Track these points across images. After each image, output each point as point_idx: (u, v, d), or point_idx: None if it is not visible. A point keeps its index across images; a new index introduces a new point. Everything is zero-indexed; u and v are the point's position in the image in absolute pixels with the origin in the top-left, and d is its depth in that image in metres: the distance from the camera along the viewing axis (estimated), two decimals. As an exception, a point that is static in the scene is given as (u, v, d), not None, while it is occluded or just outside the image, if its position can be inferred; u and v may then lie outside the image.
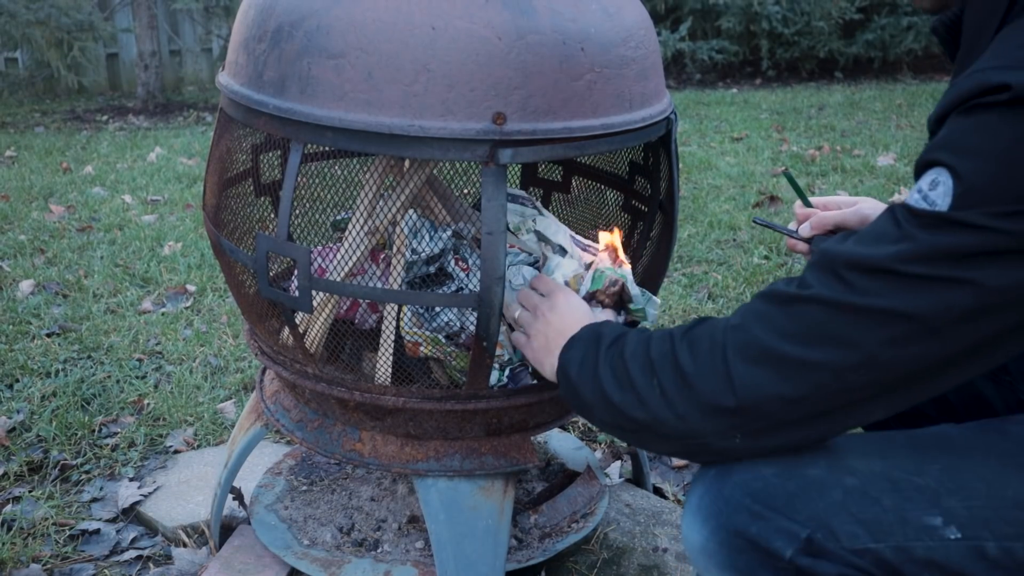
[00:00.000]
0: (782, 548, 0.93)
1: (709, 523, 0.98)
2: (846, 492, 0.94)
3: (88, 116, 6.23)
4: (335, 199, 1.61)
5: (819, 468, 0.96)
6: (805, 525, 0.93)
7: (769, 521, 0.94)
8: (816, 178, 4.30)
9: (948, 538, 0.92)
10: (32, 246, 3.37)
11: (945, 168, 0.84)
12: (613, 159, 1.65)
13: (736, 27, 7.24)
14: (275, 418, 1.48)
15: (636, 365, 1.01)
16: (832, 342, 0.89)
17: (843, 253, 0.89)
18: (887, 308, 0.86)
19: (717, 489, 0.98)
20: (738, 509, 0.96)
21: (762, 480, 0.96)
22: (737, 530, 0.96)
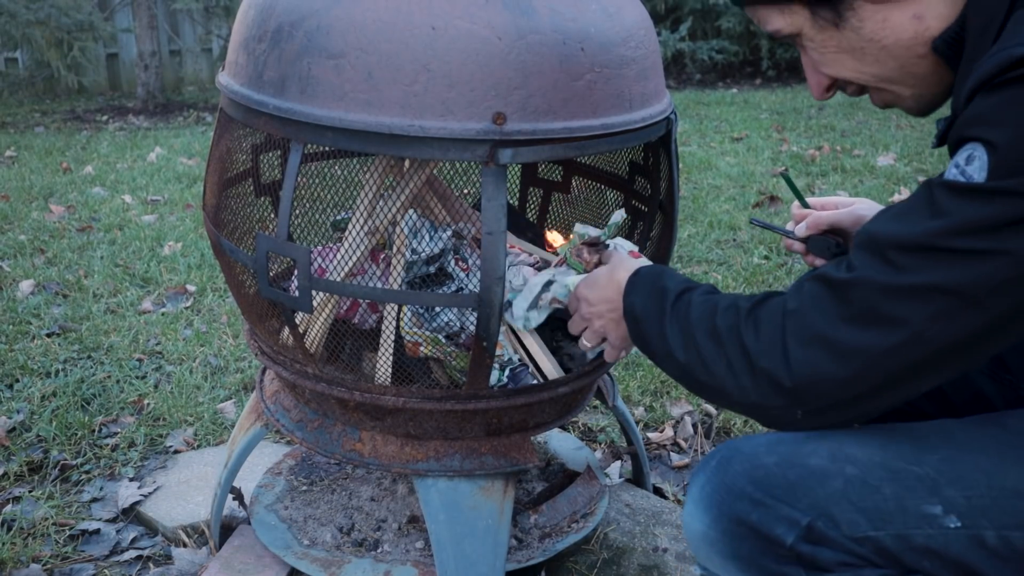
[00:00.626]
0: (784, 535, 0.95)
1: (711, 511, 0.99)
2: (847, 481, 0.95)
3: (88, 116, 6.23)
4: (335, 199, 1.61)
5: (820, 458, 0.97)
6: (806, 512, 0.95)
7: (771, 509, 0.96)
8: (816, 178, 4.30)
9: (947, 527, 0.93)
10: (32, 246, 3.37)
11: (979, 143, 0.85)
12: (613, 159, 1.65)
13: (736, 27, 7.24)
14: (275, 418, 1.48)
15: (703, 332, 1.05)
16: (880, 322, 0.92)
17: (887, 234, 0.91)
18: (930, 284, 0.88)
19: (719, 478, 1.00)
20: (740, 497, 0.97)
21: (764, 469, 0.98)
22: (739, 518, 0.97)
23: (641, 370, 2.36)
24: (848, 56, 1.04)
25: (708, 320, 1.05)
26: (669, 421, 2.17)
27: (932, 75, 1.02)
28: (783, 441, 1.01)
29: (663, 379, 2.33)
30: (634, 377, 2.34)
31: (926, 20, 0.98)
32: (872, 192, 3.98)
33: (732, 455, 1.01)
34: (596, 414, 2.20)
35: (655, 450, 2.07)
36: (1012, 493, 0.93)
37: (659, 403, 2.23)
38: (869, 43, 1.01)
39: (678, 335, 1.08)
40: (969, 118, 0.87)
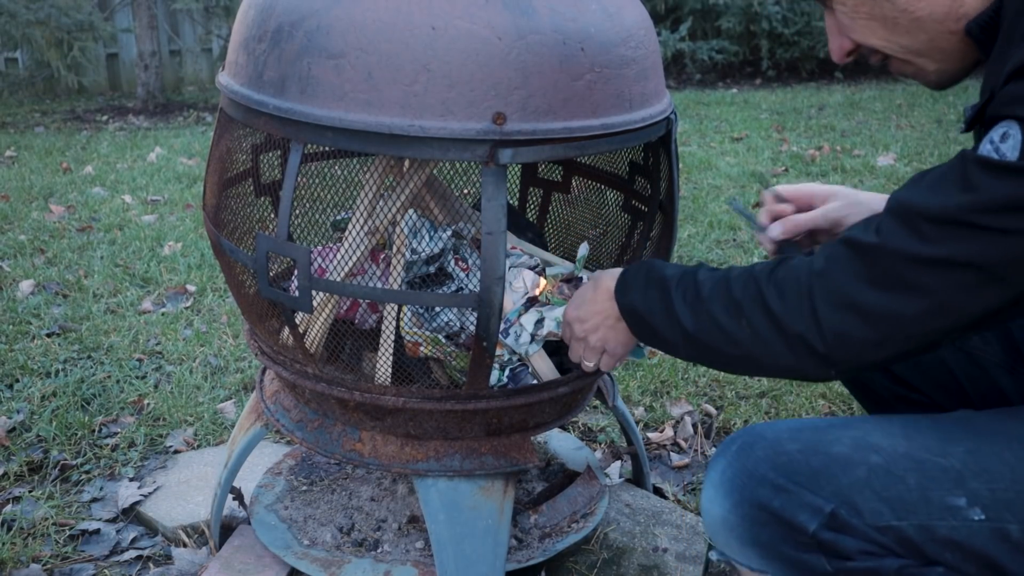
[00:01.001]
0: (806, 522, 0.95)
1: (732, 496, 0.99)
2: (870, 470, 0.95)
3: (88, 116, 6.23)
4: (335, 199, 1.61)
5: (844, 446, 0.97)
6: (830, 500, 0.94)
7: (793, 495, 0.95)
8: (816, 178, 4.30)
9: (972, 519, 0.93)
10: (32, 246, 3.37)
11: (1016, 121, 0.86)
12: (613, 159, 1.65)
13: (736, 27, 7.24)
14: (275, 418, 1.48)
15: (719, 306, 1.05)
16: (908, 289, 0.93)
17: (918, 204, 0.92)
18: (956, 258, 0.89)
19: (740, 463, 0.99)
20: (762, 483, 0.97)
21: (787, 455, 0.97)
22: (760, 503, 0.97)
23: (641, 370, 2.36)
24: (879, 24, 1.03)
25: (723, 294, 1.05)
26: (669, 421, 2.17)
27: (958, 51, 1.02)
28: (806, 428, 1.01)
29: (663, 379, 2.33)
30: (634, 377, 2.34)
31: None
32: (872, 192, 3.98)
33: (754, 440, 1.00)
34: (596, 414, 2.20)
35: (655, 450, 2.07)
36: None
37: (659, 403, 2.23)
38: (903, 13, 1.00)
39: (690, 317, 1.08)
40: (1007, 97, 0.87)
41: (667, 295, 1.11)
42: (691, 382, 2.33)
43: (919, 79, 1.08)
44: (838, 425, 1.01)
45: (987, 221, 0.87)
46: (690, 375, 2.36)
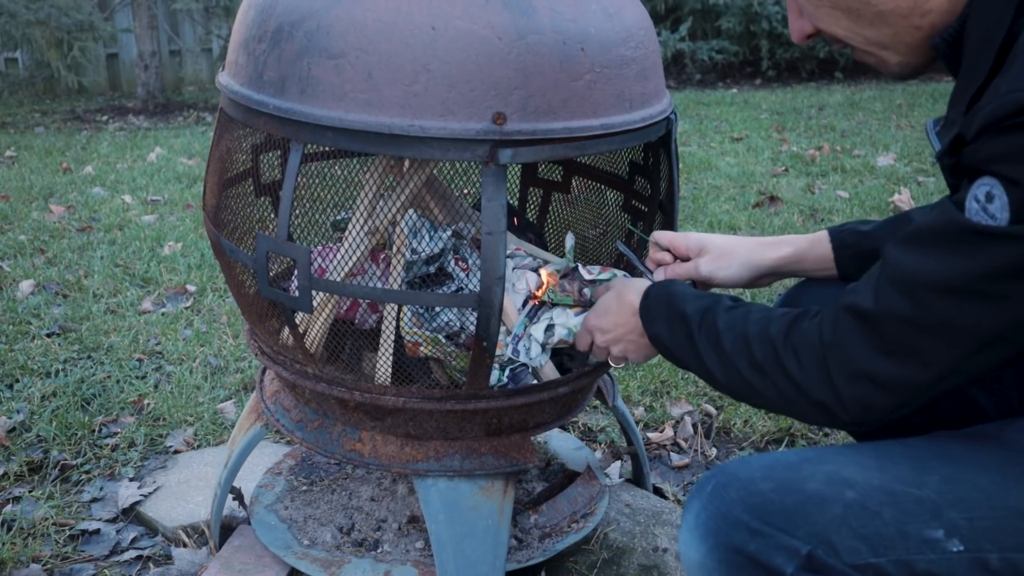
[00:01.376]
0: (783, 565, 0.93)
1: (707, 540, 0.97)
2: (846, 506, 0.94)
3: (88, 116, 6.23)
4: (335, 199, 1.61)
5: (817, 482, 0.96)
6: (806, 541, 0.93)
7: (769, 538, 0.94)
8: (816, 178, 4.30)
9: (950, 551, 0.92)
10: (32, 246, 3.37)
11: (998, 179, 0.86)
12: (613, 159, 1.65)
13: (736, 27, 7.24)
14: (275, 418, 1.48)
15: (744, 361, 1.08)
16: (916, 357, 0.95)
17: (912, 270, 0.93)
18: (960, 325, 0.91)
19: (715, 506, 0.98)
20: (736, 526, 0.95)
21: (760, 496, 0.96)
22: (736, 547, 0.95)
23: (641, 370, 2.36)
24: (843, 14, 1.03)
25: (746, 352, 1.08)
26: (669, 421, 2.17)
27: (922, 47, 1.02)
28: (779, 465, 1.00)
29: (663, 379, 2.33)
30: (634, 377, 2.34)
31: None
32: (872, 192, 3.98)
33: (728, 481, 0.99)
34: (596, 414, 2.20)
35: (655, 450, 2.07)
36: (1014, 513, 0.92)
37: (659, 403, 2.23)
38: (866, 6, 1.00)
39: (719, 367, 1.11)
40: (987, 154, 0.87)
41: (691, 337, 1.14)
42: (691, 382, 2.33)
43: (881, 69, 1.08)
44: (811, 459, 1.00)
45: (986, 288, 0.88)
46: (690, 375, 2.36)
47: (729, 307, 1.13)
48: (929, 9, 0.98)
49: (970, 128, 0.89)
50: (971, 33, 0.95)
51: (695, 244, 1.37)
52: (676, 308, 1.17)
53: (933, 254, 0.92)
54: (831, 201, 3.86)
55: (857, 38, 1.04)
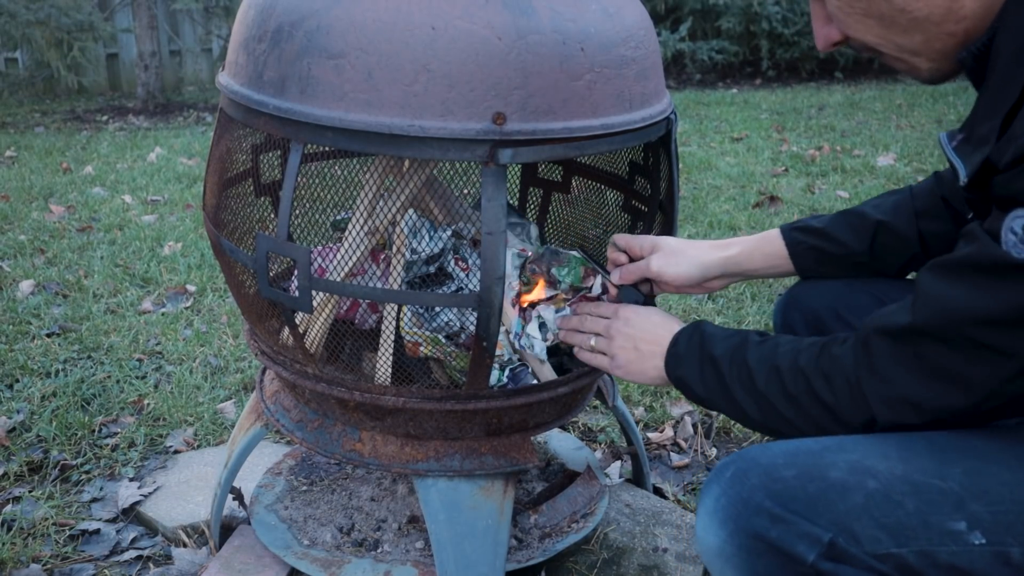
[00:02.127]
0: (804, 552, 0.93)
1: (727, 525, 0.97)
2: (868, 496, 0.94)
3: (88, 116, 6.23)
4: (335, 199, 1.61)
5: (840, 471, 0.95)
6: (827, 529, 0.93)
7: (790, 525, 0.94)
8: (816, 178, 4.30)
9: (972, 543, 0.91)
10: (32, 246, 3.37)
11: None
12: (613, 159, 1.65)
13: (736, 27, 7.24)
14: (275, 418, 1.48)
15: (778, 395, 1.09)
16: (956, 383, 0.96)
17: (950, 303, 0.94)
18: (1002, 353, 0.92)
19: (735, 491, 0.97)
20: (758, 512, 0.95)
21: (782, 483, 0.95)
22: (757, 533, 0.95)
23: (641, 370, 2.36)
24: (875, 22, 1.01)
25: (777, 384, 1.08)
26: (669, 421, 2.17)
27: (955, 52, 1.00)
28: (801, 452, 0.99)
29: (663, 379, 2.33)
30: (634, 377, 2.33)
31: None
32: (872, 192, 3.98)
33: (748, 467, 0.98)
34: (596, 414, 2.20)
35: (655, 450, 2.07)
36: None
37: (659, 403, 2.23)
38: (900, 13, 0.98)
39: (751, 403, 1.11)
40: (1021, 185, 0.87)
41: (722, 380, 1.14)
42: (691, 382, 2.33)
43: (911, 75, 1.07)
44: (833, 448, 0.99)
45: None
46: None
47: (758, 342, 1.13)
48: (964, 15, 0.96)
49: (1004, 155, 0.88)
50: (1002, 47, 0.93)
51: (648, 244, 1.39)
52: (706, 351, 1.17)
53: (972, 287, 0.92)
54: (831, 201, 3.86)
55: (889, 45, 1.03)
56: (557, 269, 1.43)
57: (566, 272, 1.44)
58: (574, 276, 1.44)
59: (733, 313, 2.73)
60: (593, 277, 1.45)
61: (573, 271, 1.44)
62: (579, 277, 1.45)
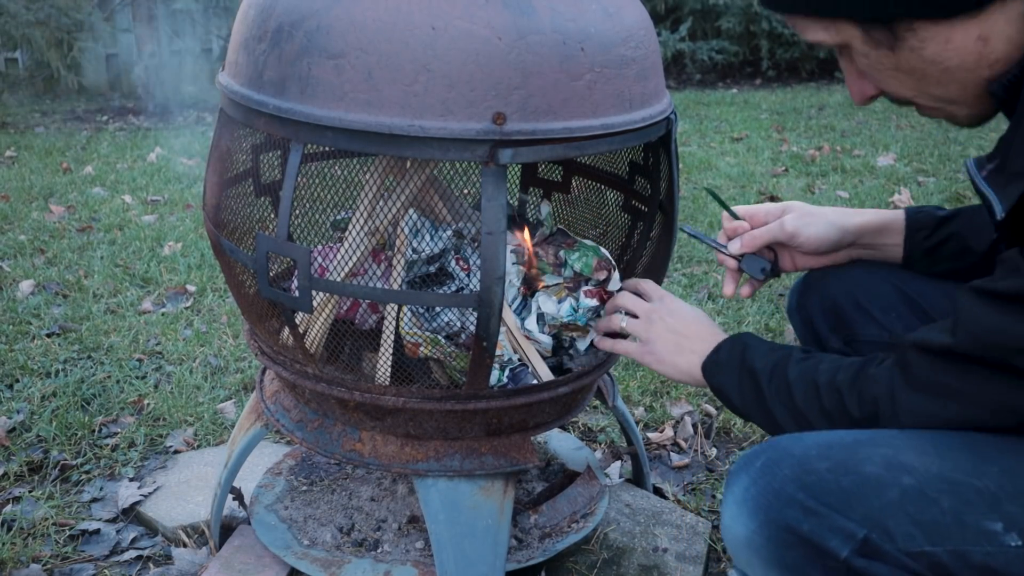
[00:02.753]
0: (838, 547, 0.92)
1: (757, 516, 0.95)
2: (903, 492, 0.92)
3: (88, 116, 6.23)
4: (335, 199, 1.61)
5: (875, 466, 0.94)
6: (862, 524, 0.92)
7: (824, 518, 0.92)
8: (816, 178, 4.30)
9: (1008, 545, 0.90)
10: (32, 246, 3.37)
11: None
12: (613, 159, 1.65)
13: (736, 27, 7.24)
14: (275, 418, 1.48)
15: (814, 411, 1.07)
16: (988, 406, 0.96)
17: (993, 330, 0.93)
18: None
19: (766, 481, 0.96)
20: (790, 504, 0.94)
21: (816, 475, 0.94)
22: (789, 526, 0.93)
23: (641, 370, 2.36)
24: (907, 76, 0.99)
25: (815, 400, 1.07)
26: (669, 421, 2.17)
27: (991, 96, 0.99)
28: (835, 444, 0.98)
29: (663, 379, 2.33)
30: (634, 377, 2.34)
31: (991, 42, 0.94)
32: (872, 192, 3.98)
33: (780, 457, 0.96)
34: (596, 414, 2.20)
35: (655, 450, 2.07)
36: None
37: (659, 403, 2.23)
38: (931, 65, 0.97)
39: (788, 418, 1.10)
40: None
41: (759, 393, 1.13)
42: (691, 382, 2.33)
43: (950, 122, 1.06)
44: (867, 442, 0.97)
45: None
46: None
47: (800, 359, 1.12)
48: (995, 60, 0.95)
49: None
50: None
51: (776, 208, 1.33)
52: (746, 363, 1.16)
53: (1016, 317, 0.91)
54: (831, 201, 3.86)
55: (924, 97, 1.01)
56: (566, 252, 1.42)
57: (576, 256, 1.43)
58: (584, 264, 1.43)
59: (733, 313, 2.74)
60: (608, 271, 1.43)
61: (584, 258, 1.43)
62: (590, 267, 1.43)
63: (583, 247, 1.43)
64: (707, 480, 1.96)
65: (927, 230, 1.31)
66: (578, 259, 1.43)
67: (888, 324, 1.31)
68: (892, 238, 1.33)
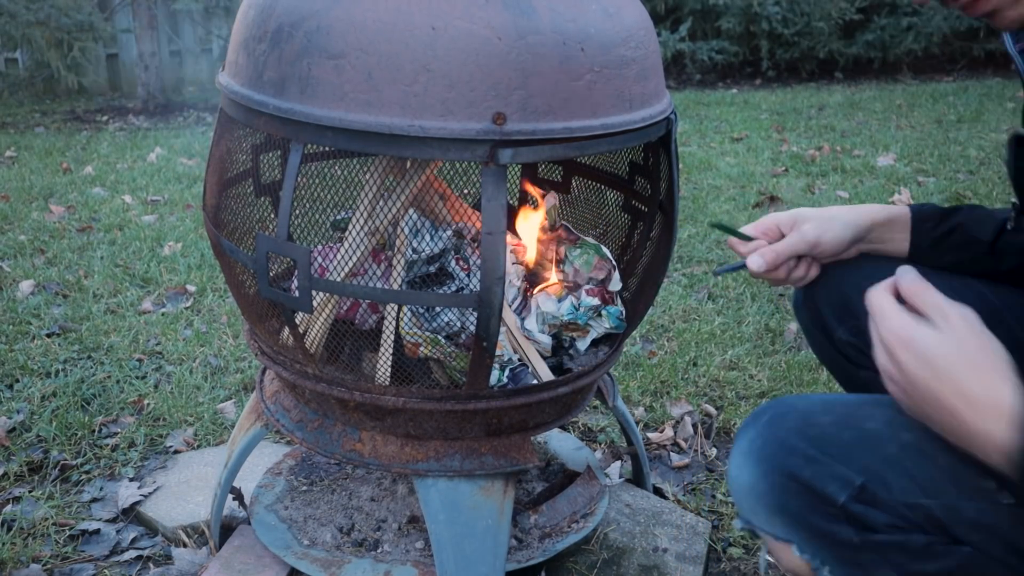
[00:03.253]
0: (836, 493, 0.94)
1: (761, 464, 0.98)
2: (902, 447, 0.95)
3: (88, 116, 6.23)
4: (335, 199, 1.61)
5: (876, 422, 0.97)
6: (860, 473, 0.94)
7: (824, 466, 0.95)
8: (816, 178, 4.30)
9: (1000, 503, 0.92)
10: (32, 246, 3.37)
11: None
12: (613, 159, 1.65)
13: (736, 27, 7.24)
14: (275, 418, 1.48)
15: None
16: None
17: None
18: None
19: (771, 432, 0.99)
20: (792, 452, 0.96)
21: (818, 427, 0.97)
22: (791, 472, 0.96)
23: (641, 370, 2.36)
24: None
25: None
26: (669, 421, 2.17)
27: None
28: (838, 403, 1.00)
29: (663, 379, 2.33)
30: (634, 377, 2.34)
31: None
32: (872, 192, 3.98)
33: (786, 411, 1.00)
34: (596, 414, 2.20)
35: (655, 450, 2.07)
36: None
37: (659, 403, 2.23)
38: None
39: None
40: None
41: None
42: (691, 382, 2.33)
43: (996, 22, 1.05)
44: (870, 403, 1.00)
45: None
46: (690, 375, 2.36)
47: None
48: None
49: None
50: None
51: (787, 219, 1.33)
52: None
53: None
54: (831, 201, 3.86)
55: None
56: (568, 248, 1.42)
57: (578, 253, 1.43)
58: (585, 262, 1.43)
59: (733, 313, 2.74)
60: (609, 270, 1.43)
61: (585, 255, 1.43)
62: (591, 265, 1.43)
63: (585, 245, 1.43)
64: (707, 480, 1.96)
65: (932, 221, 1.33)
66: (579, 255, 1.43)
67: None
68: (898, 231, 1.35)
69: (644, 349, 2.51)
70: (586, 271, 1.43)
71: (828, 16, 7.06)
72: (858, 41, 7.26)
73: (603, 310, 1.45)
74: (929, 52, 7.42)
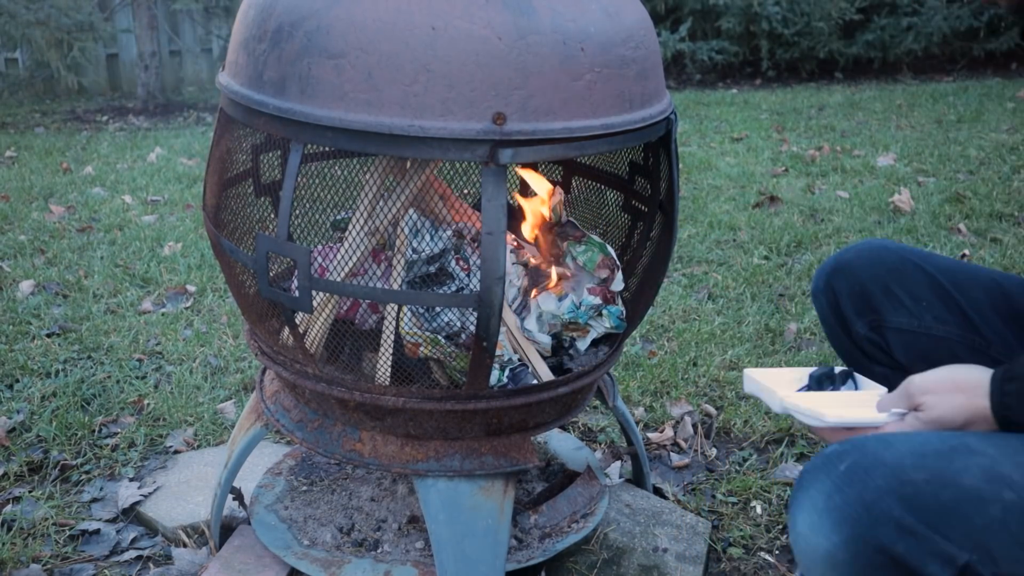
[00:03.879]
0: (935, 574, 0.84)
1: (842, 530, 0.86)
2: (1005, 509, 0.84)
3: (88, 116, 6.23)
4: (335, 199, 1.61)
5: (974, 477, 0.86)
6: (964, 548, 0.84)
7: (923, 540, 0.84)
8: (816, 178, 4.30)
9: None
10: (32, 246, 3.37)
11: None
12: (613, 159, 1.65)
13: (736, 27, 7.24)
14: (275, 418, 1.48)
15: None
16: None
17: None
18: None
19: (856, 491, 0.86)
20: (884, 520, 0.85)
21: (912, 487, 0.85)
22: (881, 545, 0.85)
23: (641, 370, 2.36)
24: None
25: None
26: (669, 421, 2.17)
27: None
28: (928, 452, 0.88)
29: (663, 379, 2.33)
30: (634, 377, 2.33)
31: None
32: (872, 192, 3.98)
33: (871, 464, 0.87)
34: (596, 414, 2.20)
35: (655, 450, 2.07)
36: None
37: (659, 403, 2.23)
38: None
39: None
40: None
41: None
42: (691, 382, 2.33)
43: None
44: (960, 449, 0.88)
45: None
46: (690, 375, 2.36)
47: None
48: None
49: None
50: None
51: None
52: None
53: None
54: (831, 201, 3.86)
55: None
56: (571, 244, 1.42)
57: (582, 250, 1.43)
58: (588, 259, 1.43)
59: (733, 313, 2.74)
60: (612, 269, 1.43)
61: (589, 253, 1.43)
62: (594, 263, 1.43)
63: (591, 242, 1.43)
64: (707, 480, 1.96)
65: None
66: (583, 252, 1.43)
67: (918, 313, 1.26)
68: None
69: (644, 349, 2.51)
70: (590, 269, 1.43)
71: (828, 16, 7.06)
72: (858, 41, 7.26)
73: (604, 309, 1.45)
74: (929, 52, 7.42)
